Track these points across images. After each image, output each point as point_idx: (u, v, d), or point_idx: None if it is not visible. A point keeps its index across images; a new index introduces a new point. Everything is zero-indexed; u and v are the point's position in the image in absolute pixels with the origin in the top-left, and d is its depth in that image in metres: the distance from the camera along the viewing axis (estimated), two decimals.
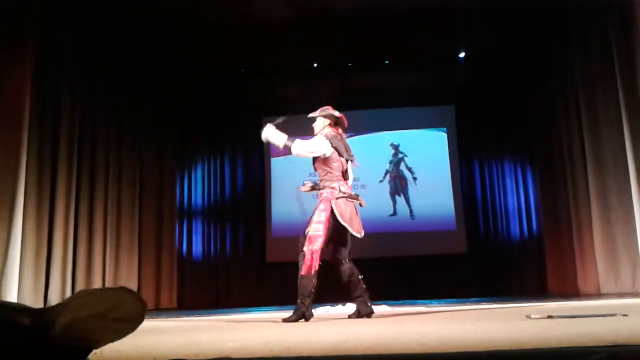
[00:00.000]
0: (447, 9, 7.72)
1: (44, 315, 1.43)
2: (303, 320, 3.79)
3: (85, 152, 7.13)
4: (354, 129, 9.98)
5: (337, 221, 3.96)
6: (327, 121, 4.38)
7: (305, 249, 3.89)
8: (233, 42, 8.46)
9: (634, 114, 6.28)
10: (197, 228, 9.69)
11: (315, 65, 9.65)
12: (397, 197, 9.74)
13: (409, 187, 9.72)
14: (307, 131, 10.22)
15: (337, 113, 4.42)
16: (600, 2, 6.81)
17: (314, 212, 4.08)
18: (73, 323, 1.40)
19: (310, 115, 4.48)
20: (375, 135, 10.02)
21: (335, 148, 4.15)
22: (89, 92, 7.27)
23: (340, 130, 4.37)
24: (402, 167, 9.87)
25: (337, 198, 4.03)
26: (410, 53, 9.39)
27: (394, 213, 9.63)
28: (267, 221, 9.72)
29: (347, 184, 4.20)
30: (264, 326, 3.44)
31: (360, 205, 4.23)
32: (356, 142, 9.96)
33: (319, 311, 5.33)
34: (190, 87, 9.65)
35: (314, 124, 4.45)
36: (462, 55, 9.45)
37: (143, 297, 1.53)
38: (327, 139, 4.21)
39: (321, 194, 4.15)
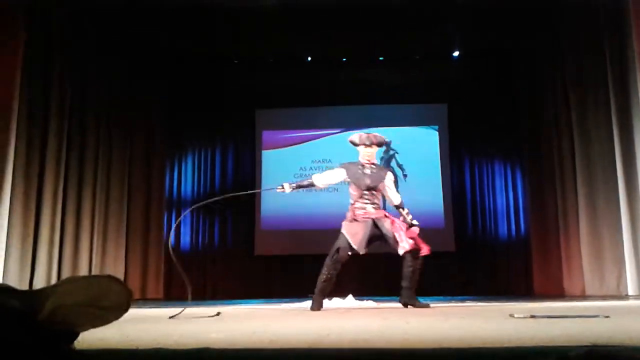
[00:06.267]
0: (442, 7, 7.71)
1: (32, 299, 1.42)
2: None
3: (74, 139, 7.10)
4: (346, 125, 9.99)
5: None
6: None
7: None
8: (227, 32, 8.41)
9: (624, 118, 6.32)
10: (186, 218, 9.65)
11: (309, 58, 9.63)
12: None
13: (399, 183, 9.72)
14: (306, 123, 10.16)
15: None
16: (593, 6, 6.83)
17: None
18: (59, 308, 1.40)
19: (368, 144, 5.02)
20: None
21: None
22: (79, 81, 7.24)
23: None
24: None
25: None
26: (405, 50, 9.40)
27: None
28: (257, 214, 9.70)
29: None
30: (248, 318, 3.44)
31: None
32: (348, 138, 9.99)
33: (303, 305, 5.34)
34: (183, 77, 9.60)
35: (370, 153, 5.01)
36: (456, 54, 9.46)
37: (129, 287, 1.53)
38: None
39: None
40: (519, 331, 2.12)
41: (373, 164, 4.89)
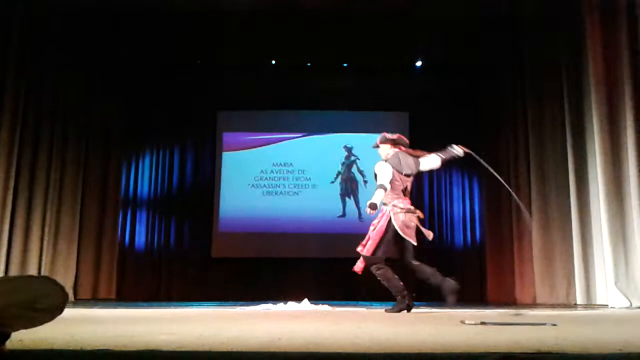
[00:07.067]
0: (407, 19, 7.81)
1: None
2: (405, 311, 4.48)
3: (27, 135, 6.89)
4: (308, 129, 10.02)
5: (396, 233, 4.59)
6: (387, 145, 4.90)
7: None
8: (189, 33, 8.32)
9: (578, 136, 6.54)
10: (142, 219, 9.49)
11: (273, 62, 9.60)
12: (347, 198, 9.79)
13: (360, 189, 9.79)
14: (268, 127, 10.07)
15: (390, 135, 4.95)
16: (552, 20, 7.04)
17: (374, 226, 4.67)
18: None
19: (374, 146, 5.07)
20: (329, 136, 10.06)
21: (393, 167, 4.72)
22: (34, 76, 7.02)
23: (402, 148, 4.86)
24: (354, 169, 9.93)
25: (396, 213, 4.62)
26: (369, 58, 9.47)
27: (343, 214, 9.69)
28: (215, 216, 9.60)
29: (406, 199, 4.76)
30: (201, 320, 3.39)
31: (419, 217, 4.81)
32: (310, 142, 10.02)
33: (259, 308, 5.31)
34: (144, 77, 9.45)
35: (379, 152, 4.98)
36: (418, 64, 9.59)
37: (65, 288, 1.49)
38: (386, 161, 4.78)
39: (382, 209, 4.70)
40: (469, 337, 2.15)
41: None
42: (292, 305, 5.47)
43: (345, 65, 9.78)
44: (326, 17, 7.80)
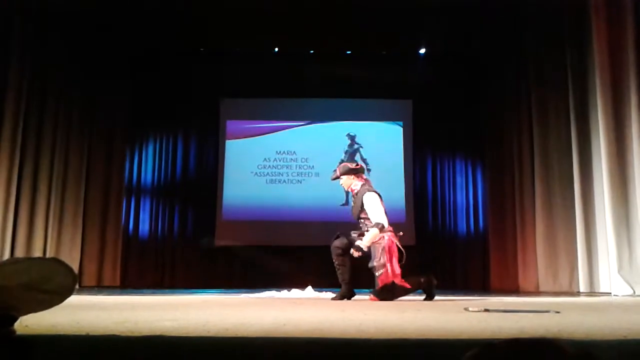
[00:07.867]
0: (411, 6, 7.75)
1: None
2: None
3: (31, 123, 6.90)
4: (312, 117, 9.99)
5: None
6: (351, 175, 4.82)
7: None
8: (192, 20, 8.29)
9: (582, 122, 6.51)
10: (146, 206, 9.50)
11: (276, 50, 9.57)
12: None
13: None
14: (271, 114, 10.03)
15: (352, 165, 4.95)
16: (557, 9, 6.99)
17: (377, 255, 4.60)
18: (0, 291, 1.34)
19: (333, 178, 4.94)
20: (333, 124, 10.04)
21: (380, 196, 4.75)
22: (38, 63, 7.02)
23: (362, 177, 4.83)
24: (358, 157, 9.91)
25: (395, 237, 4.74)
26: (372, 46, 9.43)
27: (346, 203, 9.67)
28: (218, 204, 9.61)
29: None
30: (205, 307, 3.41)
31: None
32: (313, 130, 10.00)
33: (263, 295, 5.33)
34: (147, 64, 9.43)
35: (341, 182, 4.91)
36: (422, 51, 9.54)
37: (74, 270, 1.48)
38: (375, 194, 4.70)
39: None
40: (473, 324, 2.16)
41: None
42: (295, 293, 5.50)
43: (348, 52, 9.74)
44: (329, 4, 7.75)
